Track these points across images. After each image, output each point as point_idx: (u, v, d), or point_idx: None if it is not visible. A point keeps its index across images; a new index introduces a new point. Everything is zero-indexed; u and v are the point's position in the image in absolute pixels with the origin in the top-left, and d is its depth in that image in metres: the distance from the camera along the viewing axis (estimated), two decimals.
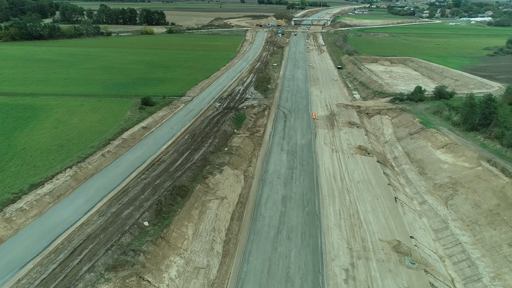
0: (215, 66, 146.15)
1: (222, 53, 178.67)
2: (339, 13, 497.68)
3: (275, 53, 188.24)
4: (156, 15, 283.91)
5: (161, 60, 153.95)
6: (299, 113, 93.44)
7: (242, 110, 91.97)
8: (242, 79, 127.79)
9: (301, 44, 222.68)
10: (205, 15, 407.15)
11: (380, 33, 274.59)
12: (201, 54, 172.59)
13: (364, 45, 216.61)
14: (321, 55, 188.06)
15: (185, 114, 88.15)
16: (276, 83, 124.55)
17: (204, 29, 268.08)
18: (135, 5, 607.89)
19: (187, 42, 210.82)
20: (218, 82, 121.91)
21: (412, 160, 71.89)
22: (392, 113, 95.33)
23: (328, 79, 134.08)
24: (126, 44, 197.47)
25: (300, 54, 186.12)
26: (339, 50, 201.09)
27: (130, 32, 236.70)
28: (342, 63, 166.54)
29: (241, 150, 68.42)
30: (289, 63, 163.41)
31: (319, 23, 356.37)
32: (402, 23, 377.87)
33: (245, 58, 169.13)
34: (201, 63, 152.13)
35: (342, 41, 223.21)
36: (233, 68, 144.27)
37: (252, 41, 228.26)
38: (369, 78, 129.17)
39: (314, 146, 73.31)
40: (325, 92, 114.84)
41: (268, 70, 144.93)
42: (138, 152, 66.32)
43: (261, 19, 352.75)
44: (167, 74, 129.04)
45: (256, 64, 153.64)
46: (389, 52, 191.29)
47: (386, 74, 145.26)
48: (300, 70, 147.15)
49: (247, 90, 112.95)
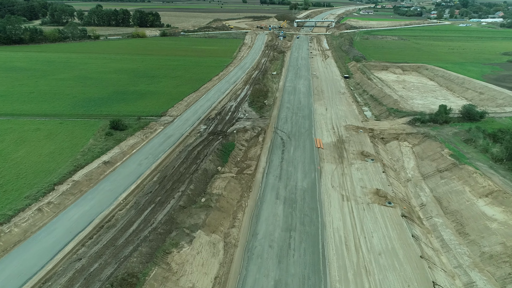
0: (207, 75, 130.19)
1: (216, 59, 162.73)
2: (343, 14, 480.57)
3: (275, 59, 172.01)
4: (150, 16, 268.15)
5: (147, 69, 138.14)
6: (300, 139, 77.22)
7: (232, 136, 75.89)
8: (236, 92, 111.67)
9: (304, 49, 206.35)
10: (204, 16, 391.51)
11: (388, 36, 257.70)
12: (194, 61, 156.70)
13: (372, 49, 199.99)
14: (326, 61, 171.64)
15: (161, 142, 72.17)
16: (274, 98, 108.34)
17: (200, 31, 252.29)
18: (134, 5, 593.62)
19: (180, 46, 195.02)
20: (208, 96, 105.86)
21: (446, 210, 55.52)
22: (413, 139, 78.91)
23: (334, 91, 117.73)
24: (113, 49, 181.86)
25: (302, 61, 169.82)
26: (345, 55, 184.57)
27: (120, 35, 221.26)
28: (349, 71, 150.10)
29: (224, 200, 52.33)
30: (290, 71, 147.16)
31: (323, 24, 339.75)
32: (410, 24, 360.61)
33: (241, 65, 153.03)
34: (192, 71, 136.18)
35: (348, 45, 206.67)
36: (226, 78, 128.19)
37: (251, 45, 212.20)
38: (381, 91, 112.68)
39: (318, 191, 57.12)
40: (331, 109, 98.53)
41: (267, 80, 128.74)
42: (87, 204, 50.40)
43: (262, 20, 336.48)
44: (151, 86, 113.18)
45: (253, 73, 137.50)
46: (400, 58, 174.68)
47: (399, 85, 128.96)
48: (302, 80, 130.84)
49: (240, 107, 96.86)
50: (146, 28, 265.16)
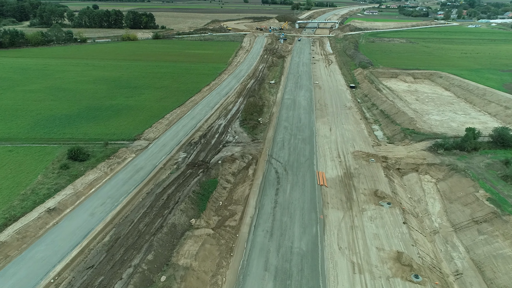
0: (197, 86, 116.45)
1: (210, 65, 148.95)
2: (347, 14, 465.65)
3: (274, 65, 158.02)
4: (144, 17, 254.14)
5: (130, 77, 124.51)
6: (299, 173, 63.35)
7: (215, 168, 62.10)
8: (227, 106, 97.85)
9: (306, 53, 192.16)
10: (203, 16, 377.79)
11: (396, 38, 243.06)
12: (184, 68, 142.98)
13: (379, 54, 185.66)
14: (329, 67, 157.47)
15: (126, 179, 58.50)
16: (270, 114, 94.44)
17: (196, 33, 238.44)
18: (134, 5, 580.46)
19: (172, 50, 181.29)
20: (194, 112, 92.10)
21: (492, 285, 41.53)
22: (437, 171, 64.88)
23: (340, 105, 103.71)
24: (98, 53, 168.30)
25: (304, 67, 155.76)
26: (350, 60, 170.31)
27: (110, 38, 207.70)
28: (355, 79, 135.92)
29: (193, 277, 38.54)
30: (290, 79, 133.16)
31: (326, 26, 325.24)
32: (417, 25, 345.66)
33: (236, 73, 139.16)
34: (180, 81, 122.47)
35: (354, 49, 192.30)
36: (218, 89, 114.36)
37: (249, 48, 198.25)
38: (393, 106, 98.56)
39: (321, 257, 43.23)
40: (336, 129, 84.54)
41: (263, 91, 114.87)
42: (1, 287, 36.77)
43: (262, 21, 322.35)
44: (130, 99, 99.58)
45: (248, 82, 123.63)
46: (410, 64, 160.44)
47: (411, 96, 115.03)
48: (303, 91, 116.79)
49: (230, 126, 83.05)
50: (140, 30, 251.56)
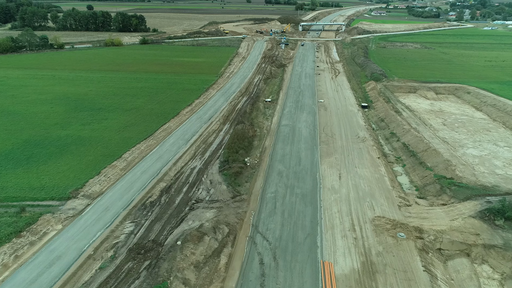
0: (176, 106, 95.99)
1: (198, 77, 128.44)
2: (354, 15, 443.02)
3: (272, 77, 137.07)
4: (134, 20, 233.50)
5: (98, 94, 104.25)
6: (295, 265, 42.39)
7: (169, 258, 41.38)
8: (207, 139, 77.10)
9: (309, 60, 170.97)
10: (201, 18, 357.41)
11: (409, 43, 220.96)
12: (167, 81, 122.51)
13: (392, 62, 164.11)
14: (336, 80, 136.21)
15: (31, 280, 37.92)
16: (262, 150, 73.52)
17: (190, 37, 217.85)
18: (133, 5, 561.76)
19: (158, 58, 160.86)
20: (162, 148, 71.43)
21: None
22: (500, 259, 43.76)
23: (351, 135, 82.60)
24: (72, 62, 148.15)
25: (307, 79, 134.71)
26: (360, 71, 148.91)
27: (92, 43, 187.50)
28: (368, 96, 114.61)
29: None
30: (290, 96, 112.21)
31: (332, 28, 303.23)
32: (429, 27, 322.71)
33: (227, 87, 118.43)
34: (158, 99, 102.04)
35: (363, 56, 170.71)
36: (200, 112, 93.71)
37: (245, 55, 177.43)
38: (419, 140, 77.20)
39: None
40: (347, 175, 63.47)
41: (256, 113, 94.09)
42: None
43: (263, 24, 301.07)
44: (87, 128, 79.25)
45: (239, 101, 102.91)
46: (429, 75, 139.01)
47: (437, 119, 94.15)
48: (305, 114, 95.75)
49: (206, 172, 62.35)
50: (129, 33, 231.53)
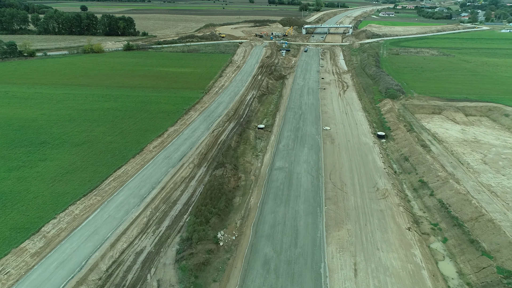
0: (142, 137, 75.56)
1: (180, 94, 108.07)
2: (361, 17, 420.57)
3: (269, 93, 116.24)
4: (121, 22, 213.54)
5: (52, 119, 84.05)
6: None
7: None
8: (170, 195, 56.31)
9: (313, 70, 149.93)
10: (199, 19, 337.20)
11: (424, 49, 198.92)
12: (142, 99, 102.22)
13: (408, 72, 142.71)
14: (345, 96, 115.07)
15: None
16: (245, 213, 52.71)
17: (181, 42, 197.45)
18: (131, 5, 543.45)
19: (139, 68, 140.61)
20: (102, 216, 50.77)
21: None
22: None
23: (366, 185, 61.56)
24: (37, 74, 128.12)
25: (309, 96, 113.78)
26: (372, 84, 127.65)
27: (68, 50, 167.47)
28: (384, 120, 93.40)
29: None
30: (289, 121, 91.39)
31: (338, 31, 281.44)
32: (443, 30, 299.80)
33: (212, 108, 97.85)
34: (123, 126, 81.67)
35: (375, 65, 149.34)
36: (171, 147, 73.02)
37: (241, 63, 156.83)
38: (462, 197, 55.95)
39: None
40: (367, 269, 42.37)
41: (243, 150, 73.31)
42: None
43: (264, 26, 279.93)
44: (11, 176, 58.95)
45: (225, 129, 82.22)
46: (453, 89, 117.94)
47: (473, 154, 73.80)
48: (306, 149, 74.77)
49: (155, 266, 41.69)
50: (116, 37, 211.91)
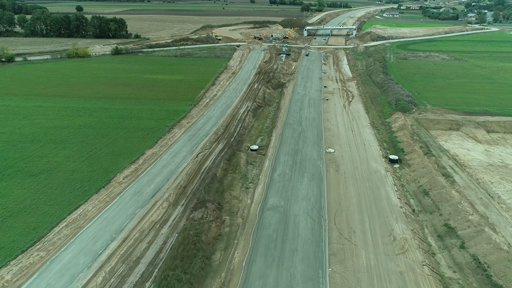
0: (113, 164, 64.00)
1: (166, 106, 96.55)
2: (364, 17, 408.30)
3: (266, 104, 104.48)
4: (112, 24, 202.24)
5: (12, 139, 72.62)
6: None
7: None
8: (133, 249, 44.53)
9: (315, 77, 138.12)
10: (197, 20, 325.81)
11: (434, 53, 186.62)
12: (121, 113, 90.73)
13: (419, 80, 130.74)
14: (350, 109, 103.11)
15: None
16: (226, 278, 40.86)
17: (175, 45, 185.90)
18: (128, 5, 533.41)
19: (125, 75, 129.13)
20: (42, 280, 39.13)
21: None
22: None
23: (379, 233, 49.50)
24: (10, 83, 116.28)
25: (311, 109, 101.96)
26: (380, 93, 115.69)
27: (51, 54, 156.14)
28: (396, 140, 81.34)
29: None
30: (286, 141, 79.51)
31: (341, 33, 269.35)
32: (451, 31, 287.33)
33: (200, 125, 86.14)
34: (93, 148, 70.09)
35: (382, 72, 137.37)
36: (144, 179, 61.26)
37: (237, 69, 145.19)
38: (503, 255, 44.03)
39: None
40: None
41: (232, 180, 61.50)
42: None
43: (263, 28, 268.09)
44: None
45: (210, 153, 70.45)
46: (469, 100, 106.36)
47: (503, 182, 63.63)
48: (306, 179, 62.80)
49: None
50: (107, 39, 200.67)
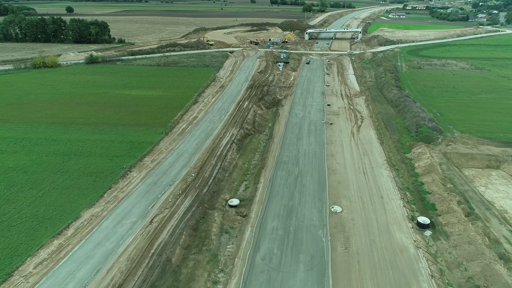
0: (28, 241, 44.74)
1: (130, 136, 77.10)
2: (369, 18, 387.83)
3: (256, 132, 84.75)
4: (93, 28, 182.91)
5: None
6: None
7: None
8: None
9: (316, 92, 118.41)
10: (191, 22, 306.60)
11: (450, 60, 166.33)
12: (69, 149, 71.40)
13: (438, 95, 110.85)
14: (360, 137, 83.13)
15: None
16: None
17: (161, 51, 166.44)
18: (121, 6, 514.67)
19: (93, 91, 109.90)
20: None
21: None
22: None
23: None
24: None
25: (311, 137, 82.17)
26: (394, 114, 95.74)
27: (14, 64, 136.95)
28: (422, 189, 61.37)
29: None
30: (278, 193, 59.71)
31: (345, 36, 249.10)
32: (463, 34, 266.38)
33: (165, 167, 66.48)
34: (7, 210, 50.82)
35: (395, 86, 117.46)
36: (60, 272, 41.77)
37: (226, 81, 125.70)
38: None
39: None
40: None
41: (193, 268, 41.85)
42: None
43: (261, 31, 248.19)
44: None
45: (172, 215, 50.99)
46: (503, 121, 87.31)
47: None
48: (301, 264, 43.23)
49: None
50: (87, 44, 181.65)
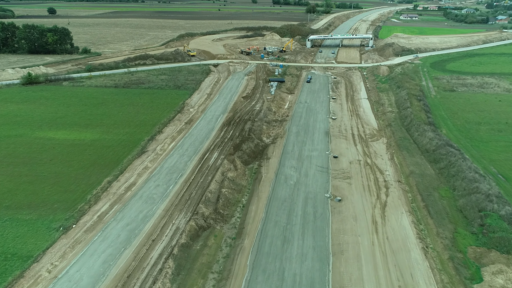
0: None
1: (11, 232, 45.66)
2: (378, 20, 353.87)
3: (217, 221, 52.64)
4: (50, 36, 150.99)
5: None
6: None
7: None
8: None
9: (318, 132, 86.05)
10: (180, 25, 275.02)
11: (487, 77, 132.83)
12: None
13: (489, 138, 78.13)
14: (386, 231, 50.54)
15: None
16: None
17: (126, 66, 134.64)
18: (111, 7, 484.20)
19: (5, 133, 78.50)
20: None
21: None
22: None
23: None
24: None
25: (307, 235, 49.93)
26: (434, 176, 63.19)
27: None
28: None
29: None
30: None
31: (354, 42, 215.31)
32: (488, 40, 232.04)
33: None
34: None
35: (428, 123, 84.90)
36: None
37: (198, 112, 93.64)
38: None
39: None
40: None
41: None
42: None
43: (255, 38, 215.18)
44: None
45: None
46: None
47: None
48: None
49: None
50: (45, 55, 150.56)
